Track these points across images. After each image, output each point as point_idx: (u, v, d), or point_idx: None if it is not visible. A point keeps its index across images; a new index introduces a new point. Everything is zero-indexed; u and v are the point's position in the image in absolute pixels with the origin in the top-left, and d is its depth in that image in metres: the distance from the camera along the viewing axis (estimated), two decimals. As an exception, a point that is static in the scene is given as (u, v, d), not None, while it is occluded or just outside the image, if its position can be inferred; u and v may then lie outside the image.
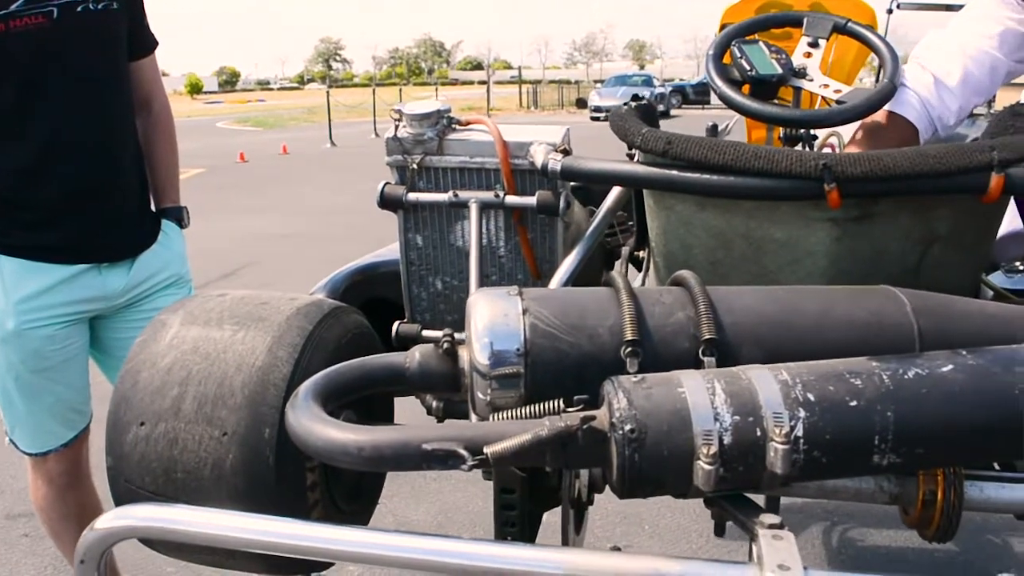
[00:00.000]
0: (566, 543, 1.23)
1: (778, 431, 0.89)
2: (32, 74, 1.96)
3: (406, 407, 1.71)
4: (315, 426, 1.00)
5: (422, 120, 1.56)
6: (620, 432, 0.90)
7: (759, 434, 0.91)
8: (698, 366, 1.04)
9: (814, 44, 1.81)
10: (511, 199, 1.57)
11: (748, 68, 1.71)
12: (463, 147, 1.58)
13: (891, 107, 1.98)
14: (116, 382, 1.29)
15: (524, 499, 1.28)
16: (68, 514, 2.24)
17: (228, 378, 1.24)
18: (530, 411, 0.99)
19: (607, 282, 1.15)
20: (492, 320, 1.07)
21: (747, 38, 1.82)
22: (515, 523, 1.28)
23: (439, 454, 0.91)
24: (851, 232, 1.31)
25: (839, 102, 1.71)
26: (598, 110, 27.02)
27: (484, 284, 1.58)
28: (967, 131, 3.61)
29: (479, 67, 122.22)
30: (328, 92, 22.44)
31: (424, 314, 1.75)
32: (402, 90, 40.69)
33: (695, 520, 3.26)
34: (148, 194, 2.33)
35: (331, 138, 19.95)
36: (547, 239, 1.63)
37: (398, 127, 1.58)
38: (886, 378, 0.97)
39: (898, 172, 1.21)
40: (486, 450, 0.89)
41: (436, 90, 40.76)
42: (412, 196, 1.62)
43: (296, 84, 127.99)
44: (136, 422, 1.24)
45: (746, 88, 1.74)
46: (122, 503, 1.18)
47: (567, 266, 1.51)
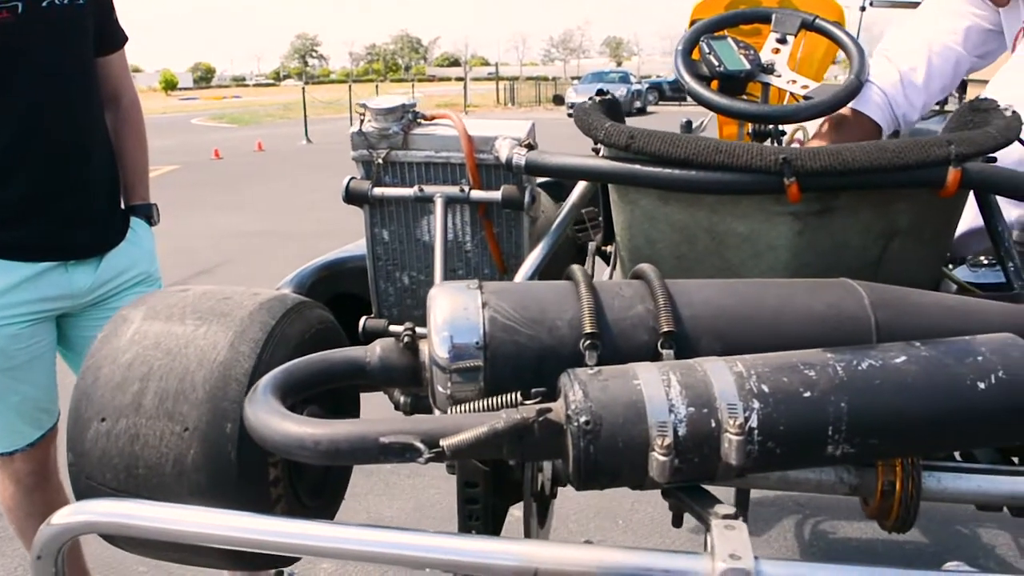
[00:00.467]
0: (529, 536, 1.23)
1: (732, 422, 0.90)
2: None
3: (383, 403, 1.72)
4: (272, 420, 0.99)
5: (387, 115, 1.56)
6: (576, 424, 0.91)
7: (714, 425, 0.91)
8: (657, 359, 1.05)
9: (782, 40, 1.83)
10: (476, 194, 1.57)
11: (716, 64, 1.72)
12: (428, 142, 1.58)
13: (855, 105, 2.00)
14: (77, 378, 1.28)
15: (488, 493, 1.28)
16: (35, 513, 2.21)
17: (190, 373, 1.23)
18: (488, 404, 0.99)
19: (567, 275, 1.15)
20: (452, 314, 1.07)
21: (716, 34, 1.83)
22: (479, 516, 1.29)
23: (396, 447, 0.91)
24: (812, 226, 1.33)
25: (806, 98, 1.72)
26: (575, 106, 27.03)
27: (450, 279, 1.58)
28: (939, 127, 3.64)
29: (456, 64, 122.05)
30: (304, 88, 22.36)
31: (391, 309, 1.75)
32: (379, 86, 40.54)
33: (669, 514, 3.28)
34: (118, 191, 2.31)
35: (307, 135, 19.88)
36: (513, 234, 1.63)
37: (363, 122, 1.58)
38: (840, 369, 0.98)
39: (857, 166, 1.22)
40: (442, 443, 0.90)
41: (413, 86, 40.69)
42: (378, 191, 1.61)
43: (272, 80, 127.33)
44: (97, 418, 1.23)
45: (715, 84, 1.75)
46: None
47: (532, 260, 1.51)
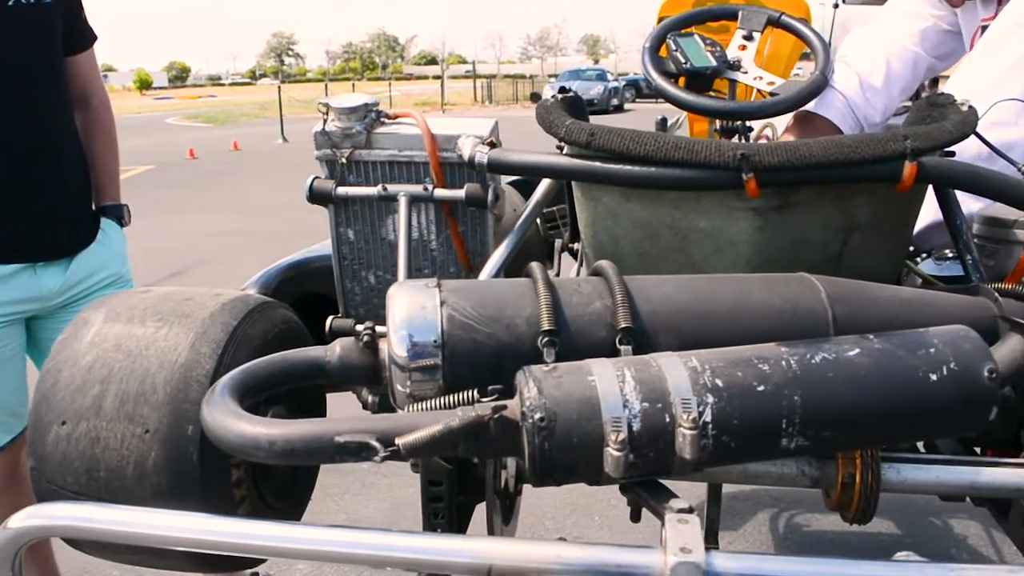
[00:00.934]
0: (492, 533, 1.23)
1: (686, 417, 0.91)
2: None
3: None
4: (228, 420, 0.99)
5: (350, 114, 1.55)
6: (531, 421, 0.91)
7: (668, 420, 0.92)
8: (615, 355, 1.05)
9: (748, 37, 1.84)
10: (440, 192, 1.57)
11: (683, 61, 1.73)
12: (391, 140, 1.57)
13: (815, 109, 2.01)
14: (37, 381, 1.27)
15: (452, 491, 1.28)
16: (3, 517, 2.19)
17: (150, 375, 1.22)
18: (444, 402, 1.00)
19: (526, 273, 1.15)
20: (409, 312, 1.07)
21: (683, 31, 1.84)
22: (443, 514, 1.29)
23: (351, 446, 0.91)
24: (773, 221, 1.33)
25: (772, 94, 1.73)
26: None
27: (416, 277, 1.58)
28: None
29: (434, 62, 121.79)
30: (280, 87, 22.25)
31: (358, 308, 1.75)
32: (355, 85, 40.39)
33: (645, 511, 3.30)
34: (88, 192, 2.29)
35: (283, 134, 19.78)
36: (478, 232, 1.63)
37: (326, 121, 1.57)
38: (793, 363, 0.99)
39: (814, 161, 1.23)
40: (398, 441, 0.90)
41: (390, 85, 40.56)
42: (341, 190, 1.61)
43: (248, 79, 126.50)
44: (57, 421, 1.22)
45: (682, 81, 1.76)
46: None
47: (496, 258, 1.51)
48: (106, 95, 2.42)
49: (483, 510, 1.42)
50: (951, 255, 1.81)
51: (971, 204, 1.55)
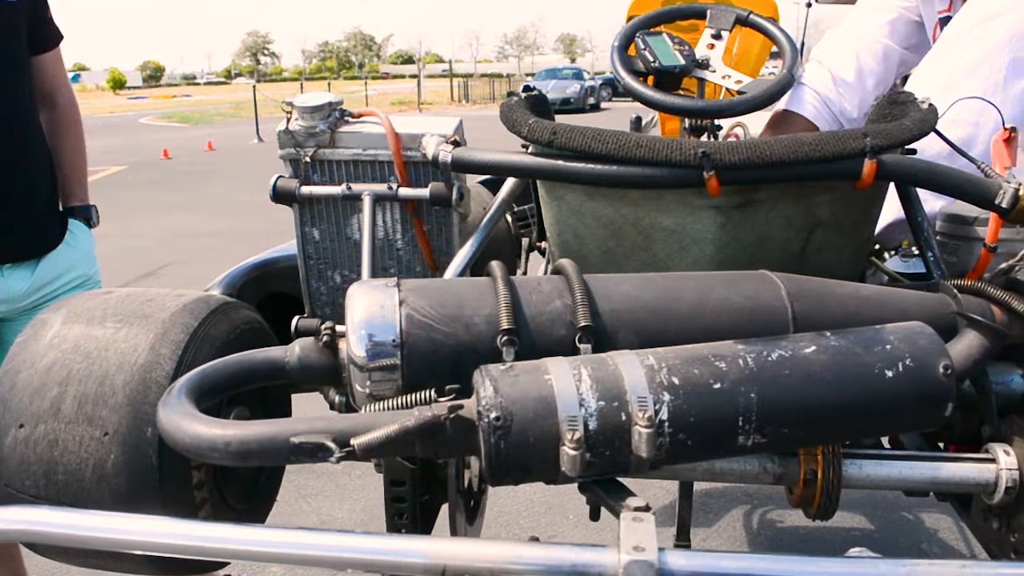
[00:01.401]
0: (456, 533, 1.23)
1: (642, 415, 0.91)
2: None
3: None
4: (183, 422, 0.98)
5: (313, 112, 1.55)
6: (486, 420, 0.91)
7: (624, 418, 0.92)
8: (575, 353, 1.05)
9: (717, 36, 1.84)
10: (404, 191, 1.56)
11: (651, 59, 1.73)
12: (355, 139, 1.57)
13: (788, 106, 2.03)
14: None
15: (415, 491, 1.28)
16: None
17: (109, 377, 1.21)
18: (402, 402, 0.99)
19: (487, 272, 1.15)
20: (368, 312, 1.06)
21: (652, 30, 1.84)
22: (406, 515, 1.29)
23: (307, 447, 0.91)
24: (735, 219, 1.34)
25: (740, 93, 1.74)
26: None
27: (380, 277, 1.58)
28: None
29: (410, 61, 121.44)
30: (255, 87, 22.11)
31: (324, 308, 1.74)
32: (331, 84, 40.20)
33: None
34: (56, 193, 2.27)
35: (258, 134, 19.64)
36: (443, 231, 1.63)
37: (290, 120, 1.57)
38: (750, 360, 0.99)
39: (775, 159, 1.24)
40: (353, 442, 0.89)
41: (366, 84, 40.42)
42: (305, 189, 1.60)
43: (223, 78, 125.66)
44: (15, 424, 1.21)
45: (651, 79, 1.76)
46: None
47: (461, 257, 1.51)
48: (72, 95, 2.40)
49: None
50: (916, 252, 1.82)
51: (934, 202, 1.56)
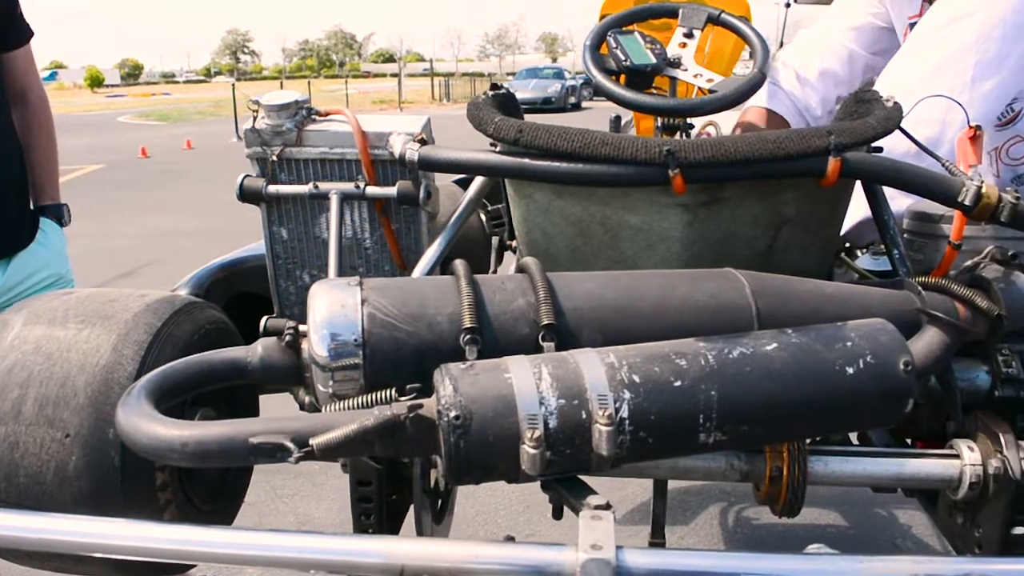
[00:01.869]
0: (421, 533, 1.23)
1: (602, 413, 0.91)
2: None
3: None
4: (141, 423, 0.98)
5: (280, 111, 1.54)
6: (446, 419, 0.91)
7: (584, 417, 0.92)
8: (538, 352, 1.05)
9: (689, 35, 1.84)
10: (372, 190, 1.56)
11: (623, 58, 1.73)
12: (322, 138, 1.56)
13: (760, 102, 2.04)
14: None
15: (381, 490, 1.28)
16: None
17: (71, 378, 1.21)
18: (362, 401, 0.99)
19: (450, 270, 1.15)
20: (330, 311, 1.06)
21: (624, 29, 1.84)
22: (372, 515, 1.28)
23: (266, 447, 0.90)
24: (701, 217, 1.34)
25: (711, 91, 1.74)
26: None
27: (347, 276, 1.57)
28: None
29: (391, 60, 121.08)
30: (234, 85, 21.99)
31: (293, 308, 1.73)
32: (311, 83, 40.06)
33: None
34: (27, 191, 2.25)
35: (237, 132, 19.53)
36: (412, 230, 1.62)
37: (256, 118, 1.56)
38: (711, 358, 0.99)
39: (739, 157, 1.24)
40: (311, 442, 0.89)
41: (347, 83, 40.28)
42: (272, 188, 1.59)
43: (203, 77, 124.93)
44: None
45: (623, 78, 1.76)
46: None
47: (429, 256, 1.51)
48: (44, 92, 2.38)
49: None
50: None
51: (902, 200, 1.57)
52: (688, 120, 1.82)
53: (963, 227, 1.36)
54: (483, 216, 2.16)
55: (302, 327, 1.14)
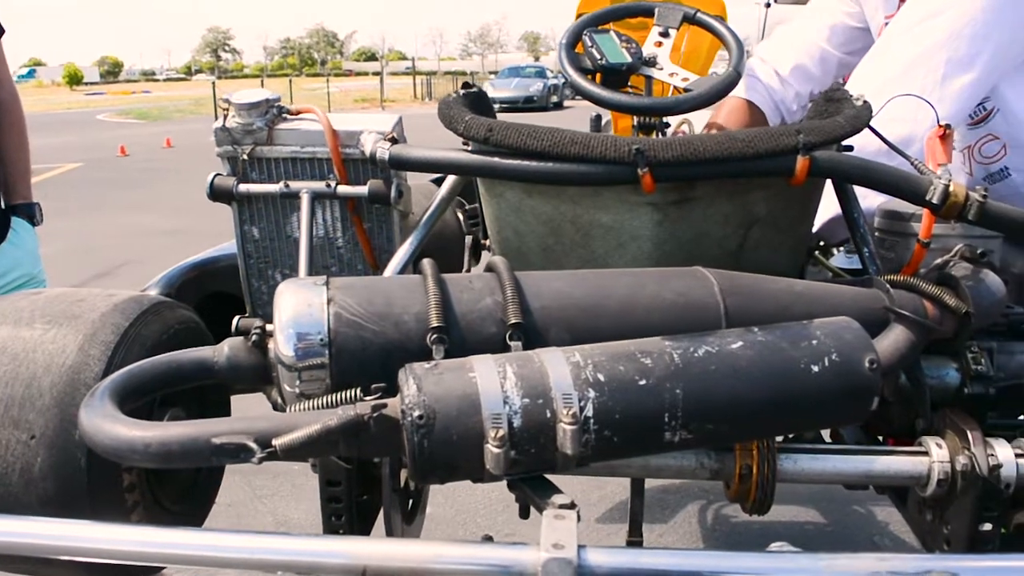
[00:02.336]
0: (391, 533, 1.22)
1: (567, 412, 0.91)
2: None
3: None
4: (104, 424, 0.97)
5: (250, 109, 1.53)
6: (409, 418, 0.90)
7: (549, 416, 0.92)
8: (506, 351, 1.05)
9: (665, 34, 1.85)
10: (343, 189, 1.55)
11: (598, 57, 1.73)
12: (293, 136, 1.55)
13: (737, 93, 2.04)
14: None
15: (351, 491, 1.27)
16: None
17: (36, 379, 1.19)
18: (327, 401, 0.98)
19: (418, 269, 1.15)
20: (296, 311, 1.06)
21: (600, 28, 1.84)
22: (342, 515, 1.28)
23: (228, 448, 0.90)
24: (672, 216, 1.34)
25: (686, 90, 1.74)
26: (492, 101, 27.30)
27: (319, 275, 1.56)
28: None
29: (373, 58, 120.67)
30: (214, 83, 21.88)
31: (265, 307, 1.72)
32: (293, 81, 39.88)
33: (580, 506, 3.30)
34: None
35: (218, 131, 19.44)
36: (384, 229, 1.62)
37: (227, 117, 1.55)
38: (676, 356, 0.99)
39: (708, 155, 1.24)
40: (274, 442, 0.89)
41: (328, 81, 40.14)
42: (243, 187, 1.58)
43: (183, 75, 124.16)
44: None
45: (598, 77, 1.76)
46: None
47: (401, 255, 1.50)
48: (15, 90, 2.36)
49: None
50: None
51: (873, 198, 1.58)
52: (664, 119, 1.82)
53: (931, 225, 1.36)
54: (460, 215, 2.16)
55: (269, 326, 1.13)
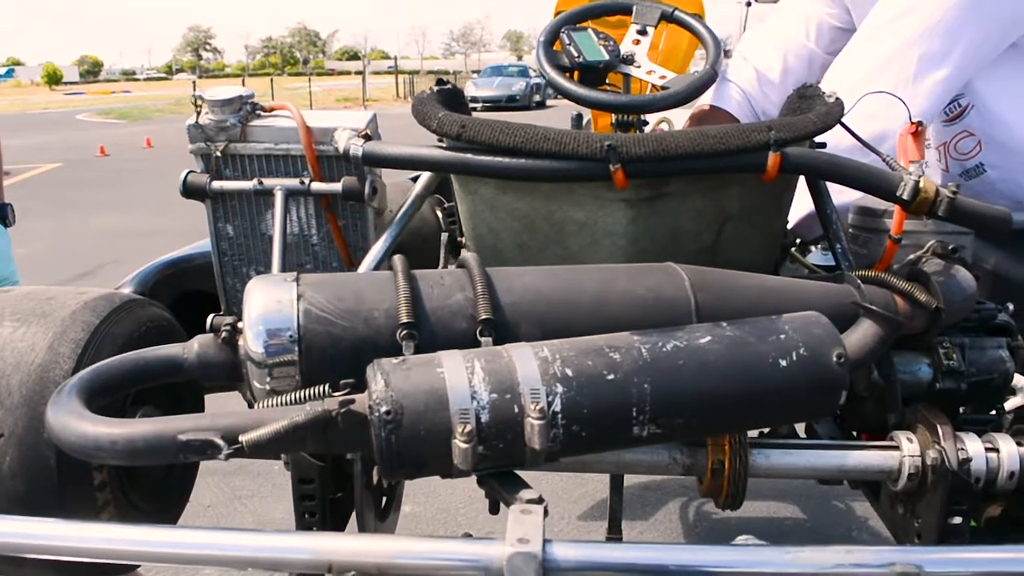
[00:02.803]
0: (364, 530, 1.22)
1: (534, 407, 0.91)
2: None
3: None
4: (70, 421, 0.96)
5: (224, 106, 1.52)
6: (377, 414, 0.90)
7: (516, 411, 0.92)
8: (476, 346, 1.05)
9: (642, 32, 1.85)
10: (317, 186, 1.54)
11: (576, 55, 1.73)
12: (267, 133, 1.55)
13: (713, 101, 2.04)
14: None
15: (323, 488, 1.27)
16: None
17: (5, 377, 1.19)
18: (295, 397, 0.98)
19: (389, 266, 1.14)
20: (265, 307, 1.05)
21: (578, 25, 1.84)
22: (315, 513, 1.27)
23: (195, 444, 0.89)
24: (646, 212, 1.35)
25: (664, 88, 1.75)
26: (474, 100, 27.31)
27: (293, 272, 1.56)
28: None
29: (356, 57, 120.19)
30: (194, 83, 21.74)
31: (240, 305, 1.71)
32: (275, 80, 39.71)
33: (561, 503, 3.31)
34: None
35: (199, 130, 19.32)
36: (359, 226, 1.61)
37: (200, 113, 1.54)
38: (644, 351, 0.99)
39: (680, 152, 1.25)
40: (241, 438, 0.88)
41: (310, 80, 40.00)
42: (217, 184, 1.58)
43: (164, 74, 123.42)
44: None
45: (576, 75, 1.76)
46: None
47: (375, 252, 1.50)
48: (-11, 89, 2.34)
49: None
50: None
51: (848, 195, 1.59)
52: (643, 117, 1.82)
53: (903, 221, 1.37)
54: (439, 212, 2.15)
55: (239, 323, 1.13)
